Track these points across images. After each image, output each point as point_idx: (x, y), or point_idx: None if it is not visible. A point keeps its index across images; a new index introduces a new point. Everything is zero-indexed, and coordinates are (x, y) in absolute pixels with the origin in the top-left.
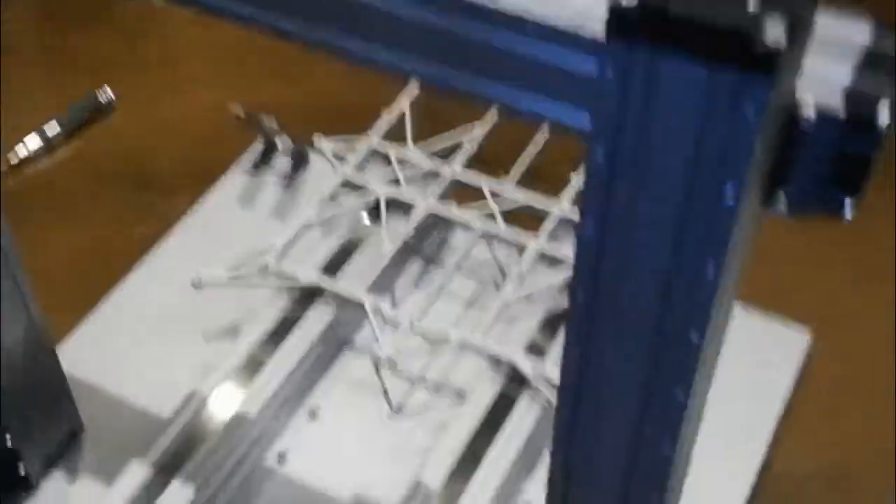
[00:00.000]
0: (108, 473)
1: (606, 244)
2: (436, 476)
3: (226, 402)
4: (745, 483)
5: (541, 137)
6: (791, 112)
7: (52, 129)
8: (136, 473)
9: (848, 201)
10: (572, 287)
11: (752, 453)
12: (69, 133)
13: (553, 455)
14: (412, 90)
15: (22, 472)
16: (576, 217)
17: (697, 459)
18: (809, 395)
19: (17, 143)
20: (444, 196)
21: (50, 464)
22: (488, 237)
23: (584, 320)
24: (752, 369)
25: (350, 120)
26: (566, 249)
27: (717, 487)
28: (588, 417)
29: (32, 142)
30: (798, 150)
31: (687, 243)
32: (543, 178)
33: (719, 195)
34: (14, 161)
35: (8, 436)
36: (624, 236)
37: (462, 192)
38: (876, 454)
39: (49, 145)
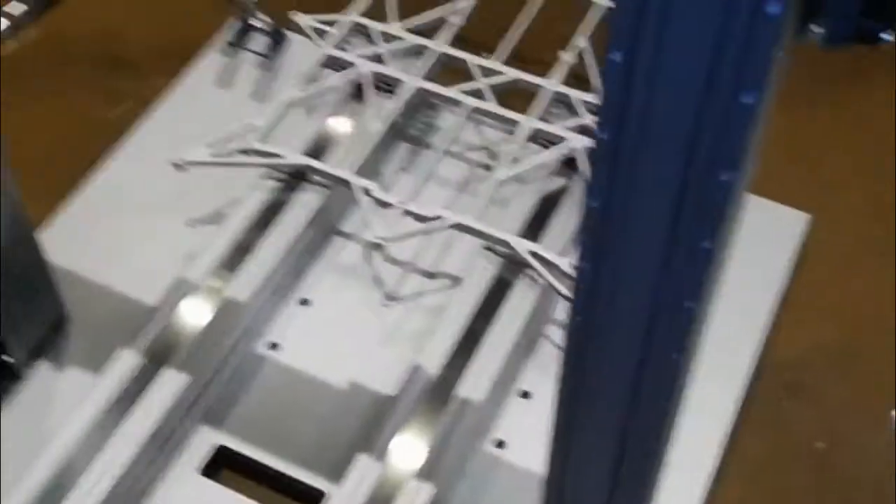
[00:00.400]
0: (95, 362)
1: (634, 74)
2: (434, 360)
3: (214, 289)
4: (747, 364)
5: (525, 17)
6: None
7: (18, 9)
8: (125, 362)
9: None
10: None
11: (752, 334)
12: (35, 14)
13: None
14: None
15: (7, 362)
16: (569, 94)
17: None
18: (808, 279)
19: None
20: (431, 75)
21: (35, 354)
22: (477, 119)
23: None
24: (752, 251)
25: None
26: (558, 129)
27: (719, 370)
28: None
29: None
30: None
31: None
32: (528, 61)
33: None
34: None
35: None
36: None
37: (447, 75)
38: (876, 332)
39: (14, 25)
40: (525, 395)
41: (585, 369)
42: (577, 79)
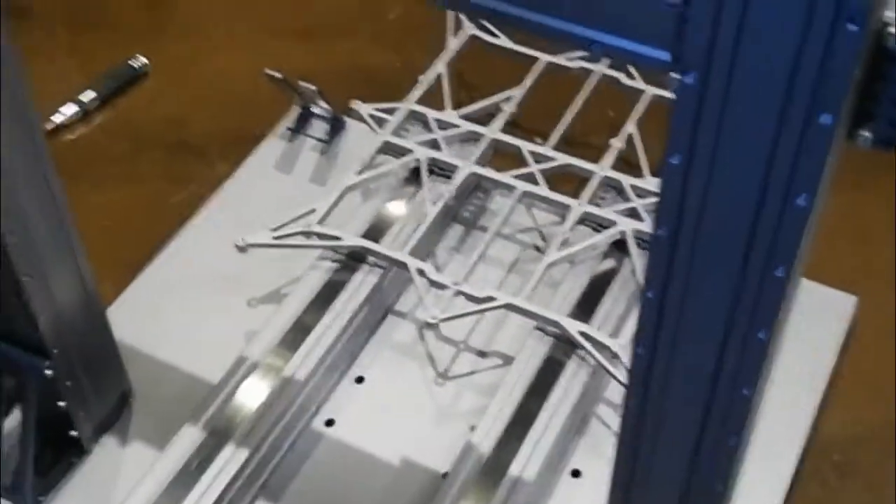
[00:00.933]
0: (159, 438)
1: (692, 176)
2: (486, 439)
3: (273, 367)
4: (797, 445)
5: (575, 105)
6: (878, 39)
7: (88, 96)
8: (188, 438)
9: None
10: (656, 221)
11: (801, 414)
12: (104, 100)
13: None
14: (448, 54)
15: (74, 437)
16: (618, 179)
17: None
18: (855, 359)
19: (53, 112)
20: (484, 160)
21: (102, 428)
22: (528, 202)
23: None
24: (799, 333)
25: (383, 87)
26: (608, 213)
27: (769, 451)
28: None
29: (69, 109)
30: (884, 83)
31: (779, 170)
32: (579, 145)
33: (815, 118)
34: (51, 127)
35: (62, 402)
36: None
37: (500, 160)
38: None
39: (85, 112)
40: (576, 474)
41: (640, 452)
42: (626, 164)
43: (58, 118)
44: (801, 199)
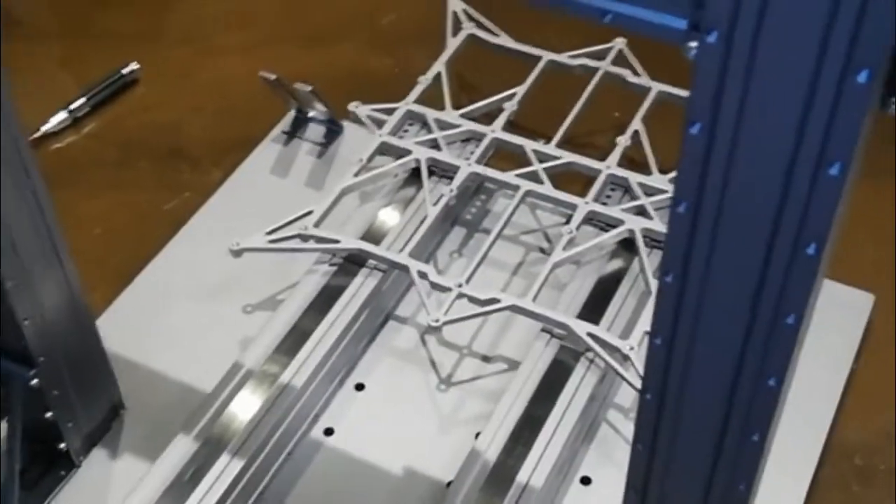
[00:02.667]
0: (151, 450)
1: (715, 146)
2: (492, 446)
3: (269, 375)
4: (816, 449)
5: (578, 103)
6: None
7: (78, 104)
8: (181, 448)
9: None
10: (675, 195)
11: (820, 418)
12: (95, 107)
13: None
14: (447, 54)
15: (62, 449)
16: (625, 177)
17: None
18: (872, 360)
19: (43, 121)
20: (485, 160)
21: (91, 441)
22: (532, 202)
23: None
24: (815, 333)
25: (382, 91)
26: (614, 211)
27: (788, 455)
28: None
29: (59, 117)
30: None
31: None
32: (583, 145)
33: (852, 76)
34: (40, 135)
35: (49, 412)
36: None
37: (502, 161)
38: None
39: (75, 120)
40: (586, 481)
41: (656, 455)
42: (632, 162)
43: (47, 126)
44: (835, 168)
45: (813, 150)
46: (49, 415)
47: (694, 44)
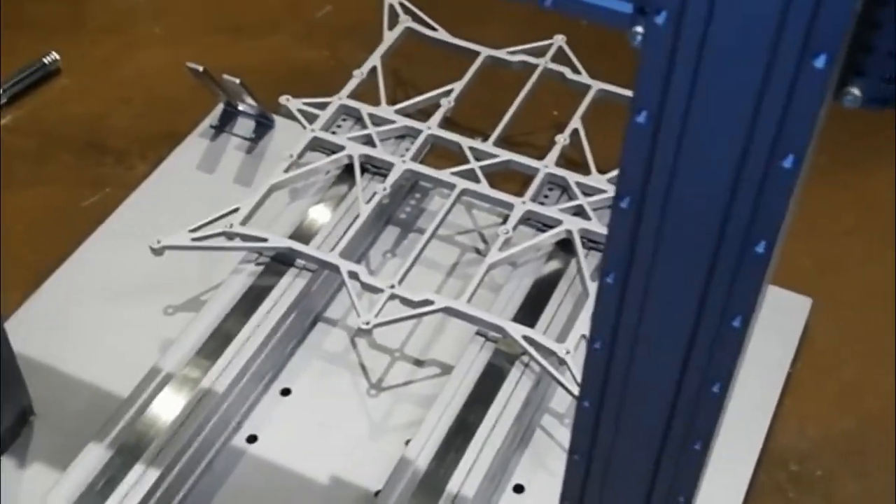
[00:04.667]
0: (63, 458)
1: (661, 136)
2: (423, 454)
3: (190, 379)
4: (752, 455)
5: (516, 101)
6: None
7: None
8: (92, 458)
9: None
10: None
11: (756, 423)
12: (13, 97)
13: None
14: (383, 47)
15: None
16: (563, 176)
17: None
18: (809, 364)
19: None
20: (421, 157)
21: None
22: (468, 202)
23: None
24: (755, 337)
25: (315, 85)
26: (552, 211)
27: (724, 461)
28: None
29: None
30: (876, 37)
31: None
32: (521, 144)
33: (809, 61)
34: None
35: None
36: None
37: (438, 160)
38: (882, 423)
39: None
40: (519, 489)
41: (594, 463)
42: (570, 162)
43: None
44: (788, 160)
45: (766, 140)
46: None
47: (640, 29)
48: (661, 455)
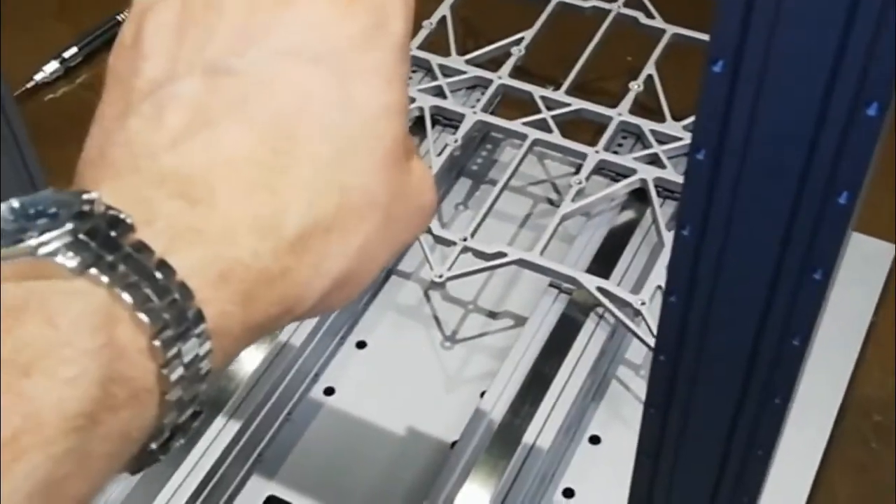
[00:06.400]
0: None
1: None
2: (498, 405)
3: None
4: (834, 406)
5: (588, 48)
6: None
7: (71, 52)
8: None
9: None
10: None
11: (839, 373)
12: (89, 55)
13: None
14: None
15: None
16: (637, 124)
17: None
18: (891, 312)
19: (36, 70)
20: (492, 108)
21: None
22: (540, 152)
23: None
24: (836, 286)
25: None
26: (626, 160)
27: (806, 411)
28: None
29: (51, 67)
30: None
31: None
32: (594, 92)
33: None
34: (31, 86)
35: None
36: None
37: (509, 110)
38: None
39: (67, 69)
40: (595, 440)
41: (670, 415)
42: (644, 109)
43: (39, 76)
44: (872, 108)
45: (849, 88)
46: None
47: None
48: (740, 409)
